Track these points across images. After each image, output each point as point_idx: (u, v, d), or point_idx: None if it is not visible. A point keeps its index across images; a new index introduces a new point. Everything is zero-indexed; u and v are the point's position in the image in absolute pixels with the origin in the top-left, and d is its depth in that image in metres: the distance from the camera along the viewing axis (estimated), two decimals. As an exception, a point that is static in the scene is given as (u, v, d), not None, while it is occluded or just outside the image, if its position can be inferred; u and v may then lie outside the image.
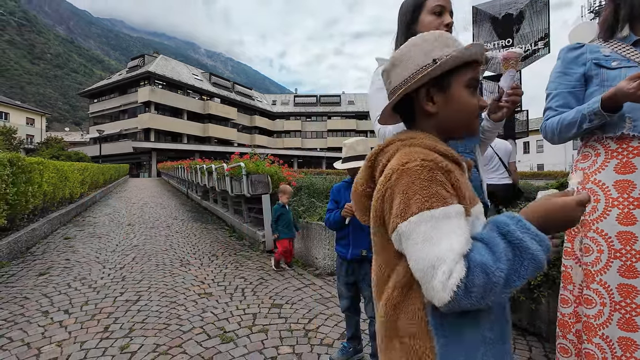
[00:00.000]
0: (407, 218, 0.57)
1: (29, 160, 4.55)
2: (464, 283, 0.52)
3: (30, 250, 4.29)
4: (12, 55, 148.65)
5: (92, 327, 2.24)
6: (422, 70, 0.68)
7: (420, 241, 0.56)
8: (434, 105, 0.70)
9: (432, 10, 1.17)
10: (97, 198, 10.24)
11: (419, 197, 0.57)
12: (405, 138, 0.69)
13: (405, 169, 0.60)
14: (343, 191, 1.83)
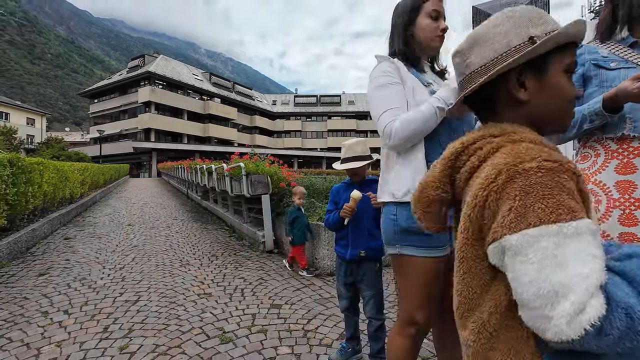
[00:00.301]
0: (520, 230, 0.46)
1: (29, 161, 4.56)
2: (601, 323, 0.41)
3: (30, 250, 4.30)
4: (13, 55, 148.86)
5: (91, 328, 2.24)
6: (515, 51, 0.58)
7: (537, 260, 0.44)
8: (525, 92, 0.60)
9: (429, 14, 1.18)
10: (97, 198, 10.26)
11: (542, 206, 0.46)
12: (500, 133, 0.57)
13: (519, 170, 0.48)
14: (342, 192, 1.82)
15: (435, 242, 1.12)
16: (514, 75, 0.59)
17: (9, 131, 30.84)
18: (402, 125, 1.09)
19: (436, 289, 1.15)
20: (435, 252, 1.12)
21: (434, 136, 1.13)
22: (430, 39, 1.20)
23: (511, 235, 0.46)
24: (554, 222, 0.44)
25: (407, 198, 1.11)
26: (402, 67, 1.20)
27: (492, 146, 0.55)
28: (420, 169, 1.11)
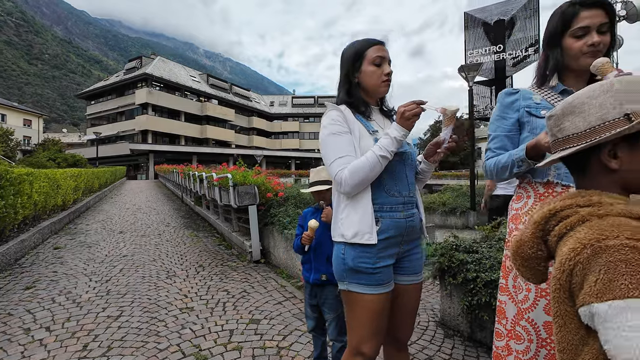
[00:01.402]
0: (606, 300, 0.51)
1: (18, 172, 4.61)
2: None
3: (19, 262, 4.35)
4: (10, 55, 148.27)
5: (71, 346, 2.30)
6: (609, 126, 0.61)
7: (628, 329, 0.49)
8: (617, 161, 0.63)
9: (373, 61, 1.24)
10: (91, 203, 10.29)
11: (627, 282, 0.50)
12: (586, 203, 0.61)
13: (603, 247, 0.53)
14: (309, 217, 1.87)
15: (381, 280, 1.19)
16: (607, 147, 0.62)
17: (6, 133, 30.84)
18: (351, 174, 1.15)
19: (381, 323, 1.22)
20: (380, 290, 1.19)
21: (379, 182, 1.21)
22: (375, 85, 1.27)
23: (599, 305, 0.51)
24: (638, 297, 0.48)
25: (355, 240, 1.18)
26: (349, 114, 1.26)
27: (578, 217, 0.60)
28: (367, 212, 1.18)
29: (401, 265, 1.28)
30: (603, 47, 1.17)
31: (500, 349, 1.25)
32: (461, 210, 8.41)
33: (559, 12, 1.21)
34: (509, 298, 1.25)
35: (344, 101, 1.31)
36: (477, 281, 2.17)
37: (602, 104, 0.63)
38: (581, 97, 0.66)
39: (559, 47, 1.22)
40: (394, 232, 1.20)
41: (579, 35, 1.17)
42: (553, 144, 0.71)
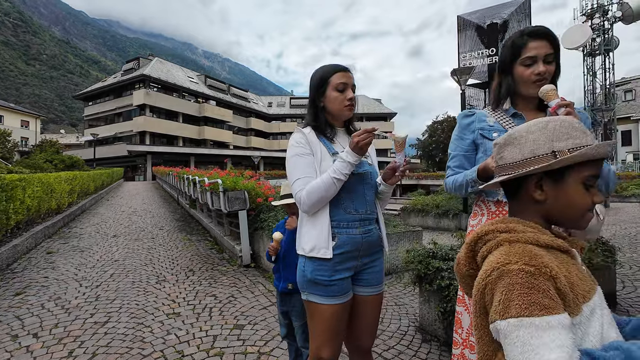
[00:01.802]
0: (506, 318, 0.58)
1: (10, 178, 4.66)
2: None
3: (10, 267, 4.40)
4: (7, 56, 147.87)
5: (57, 352, 2.36)
6: (538, 160, 0.68)
7: (519, 344, 0.56)
8: (542, 193, 0.70)
9: (336, 87, 1.32)
10: (86, 206, 10.33)
11: (519, 302, 0.57)
12: (505, 229, 0.68)
13: (505, 270, 0.60)
14: (281, 228, 1.95)
15: (337, 292, 1.27)
16: (534, 179, 0.70)
17: (3, 134, 30.79)
18: (308, 194, 1.24)
19: (338, 330, 1.30)
20: (336, 300, 1.27)
21: (337, 200, 1.28)
22: (339, 109, 1.34)
23: (500, 322, 0.59)
24: (528, 316, 0.56)
25: (312, 253, 1.27)
26: (312, 137, 1.34)
27: (496, 242, 0.68)
28: (324, 228, 1.26)
29: (360, 277, 1.35)
30: (548, 76, 1.26)
31: (457, 357, 1.32)
32: (454, 212, 8.47)
33: (510, 42, 1.30)
34: (465, 309, 1.32)
35: (310, 124, 1.38)
36: (450, 288, 2.24)
37: (535, 139, 0.70)
38: (520, 130, 0.73)
39: (510, 74, 1.30)
40: (349, 247, 1.28)
41: (528, 64, 1.26)
42: (496, 168, 0.79)
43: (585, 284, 0.65)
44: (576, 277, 0.64)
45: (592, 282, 0.68)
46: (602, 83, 27.94)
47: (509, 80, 1.31)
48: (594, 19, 28.21)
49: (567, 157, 0.66)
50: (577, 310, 0.60)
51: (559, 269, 0.62)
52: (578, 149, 0.66)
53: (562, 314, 0.58)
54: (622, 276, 3.97)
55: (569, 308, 0.60)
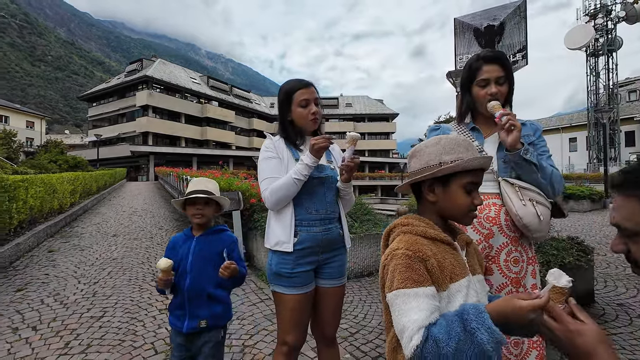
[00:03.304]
0: (391, 291, 0.77)
1: (13, 179, 4.83)
2: (420, 349, 0.68)
3: (13, 264, 4.57)
4: (13, 57, 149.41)
5: (54, 344, 2.51)
6: (428, 169, 0.87)
7: (396, 310, 0.75)
8: (433, 195, 0.88)
9: (299, 104, 1.46)
10: (88, 206, 10.53)
11: (399, 278, 0.76)
12: (405, 223, 0.88)
13: (394, 254, 0.81)
14: (180, 246, 1.55)
15: (298, 283, 1.41)
16: (427, 184, 0.89)
17: (8, 134, 31.25)
18: (270, 193, 1.39)
19: (301, 318, 1.45)
20: (298, 290, 1.42)
21: (300, 201, 1.43)
22: (304, 123, 1.49)
23: (388, 294, 0.78)
24: (403, 287, 0.75)
25: (277, 247, 1.42)
26: (280, 144, 1.49)
27: (396, 233, 0.88)
28: (287, 225, 1.41)
29: (322, 270, 1.50)
30: (500, 96, 1.42)
31: None
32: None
33: (468, 65, 1.47)
34: None
35: (281, 135, 1.52)
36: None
37: (430, 152, 0.89)
38: (422, 145, 0.92)
39: (469, 93, 1.46)
40: (310, 244, 1.42)
41: (482, 85, 1.41)
42: (408, 175, 0.96)
43: (458, 270, 0.83)
44: (449, 263, 0.83)
45: (465, 270, 0.85)
46: (605, 83, 27.85)
47: (468, 98, 1.48)
48: (597, 19, 28.09)
49: (446, 167, 0.84)
50: (445, 286, 0.80)
51: (434, 254, 0.81)
52: (457, 162, 0.84)
53: (429, 287, 0.77)
54: (605, 275, 4.07)
55: (438, 284, 0.79)
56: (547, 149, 1.46)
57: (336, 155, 1.64)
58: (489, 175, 1.40)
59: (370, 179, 42.28)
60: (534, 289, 1.36)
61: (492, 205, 1.37)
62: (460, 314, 0.71)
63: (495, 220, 1.35)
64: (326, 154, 1.59)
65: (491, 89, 1.39)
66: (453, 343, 0.67)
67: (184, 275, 1.48)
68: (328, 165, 1.53)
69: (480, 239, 1.36)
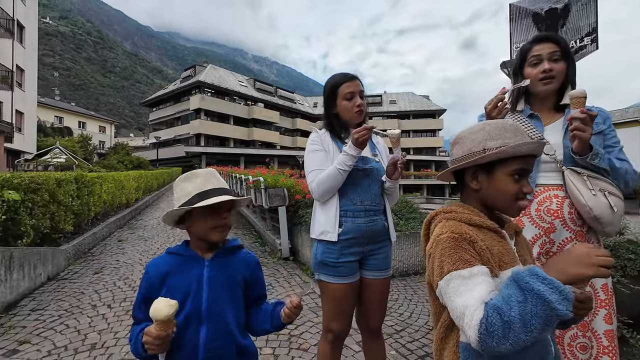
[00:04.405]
0: (442, 277, 0.74)
1: (90, 176, 5.49)
2: (484, 324, 0.63)
3: (91, 251, 5.20)
4: (89, 70, 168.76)
5: (125, 321, 2.82)
6: (471, 156, 0.82)
7: (452, 293, 0.71)
8: (477, 183, 0.85)
9: (344, 97, 1.48)
10: (150, 202, 11.57)
11: (449, 261, 0.74)
12: (448, 211, 0.86)
13: (439, 239, 0.78)
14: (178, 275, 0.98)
15: (343, 273, 1.44)
16: (470, 171, 0.85)
17: (85, 138, 35.50)
18: (318, 184, 1.43)
19: (346, 307, 1.47)
20: (343, 280, 1.44)
21: (345, 192, 1.45)
22: (349, 116, 1.51)
23: (440, 281, 0.75)
24: (456, 269, 0.72)
25: (322, 237, 1.45)
26: (326, 137, 1.53)
27: (440, 219, 0.86)
28: (332, 215, 1.44)
29: (367, 262, 1.50)
30: (557, 73, 1.29)
31: None
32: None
33: (519, 50, 1.39)
34: None
35: (326, 129, 1.56)
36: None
37: (474, 139, 0.84)
38: (465, 131, 0.88)
39: (521, 76, 1.38)
40: (354, 234, 1.43)
41: (534, 64, 1.32)
42: (450, 162, 0.92)
43: (507, 257, 0.79)
44: (497, 250, 0.78)
45: (515, 259, 0.81)
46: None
47: (519, 81, 1.39)
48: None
49: (489, 153, 0.79)
50: (495, 273, 0.75)
51: (482, 240, 0.77)
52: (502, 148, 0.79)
53: (482, 266, 0.73)
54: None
55: (489, 269, 0.74)
56: (618, 140, 1.32)
57: (380, 148, 1.64)
58: (551, 165, 1.30)
59: (416, 177, 40.94)
60: (605, 290, 1.24)
61: (553, 197, 1.27)
62: (512, 277, 0.67)
63: (557, 214, 1.25)
64: (371, 148, 1.59)
65: (544, 65, 1.29)
66: (515, 306, 0.61)
67: (195, 322, 0.94)
68: (373, 158, 1.53)
69: (540, 234, 1.27)
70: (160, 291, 0.95)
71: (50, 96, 54.79)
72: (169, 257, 1.03)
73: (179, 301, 0.87)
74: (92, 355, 2.28)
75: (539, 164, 1.32)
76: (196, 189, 0.99)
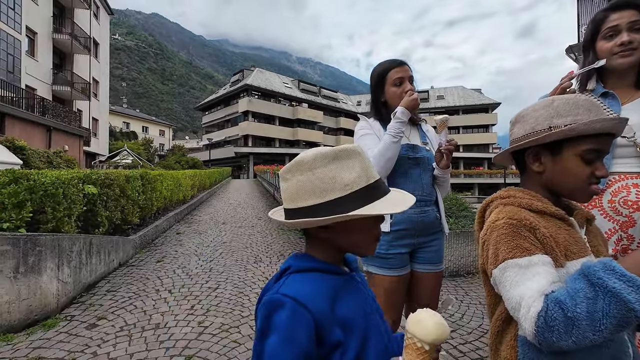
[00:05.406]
0: (497, 265, 0.67)
1: (153, 174, 6.02)
2: (543, 317, 0.57)
3: (154, 242, 5.71)
4: (151, 79, 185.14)
5: (183, 305, 3.05)
6: (536, 134, 0.74)
7: (507, 283, 0.65)
8: (540, 166, 0.76)
9: (393, 83, 1.44)
10: (203, 199, 12.37)
11: (505, 248, 0.67)
12: (506, 196, 0.78)
13: (494, 225, 0.71)
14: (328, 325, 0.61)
15: (394, 265, 1.40)
16: (532, 152, 0.77)
17: (148, 141, 39.19)
18: (376, 159, 1.36)
19: (395, 299, 1.42)
20: (392, 272, 1.40)
21: (393, 182, 1.41)
22: (398, 103, 1.45)
23: (494, 270, 0.69)
24: (512, 257, 0.66)
25: None
26: (375, 124, 1.50)
27: (496, 204, 0.78)
28: None
29: (418, 255, 1.45)
30: (639, 45, 1.13)
31: None
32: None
33: (591, 21, 1.23)
34: None
35: (376, 117, 1.53)
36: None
37: (538, 116, 0.76)
38: (528, 109, 0.79)
39: (592, 51, 1.23)
40: (405, 225, 1.39)
41: (610, 36, 1.17)
42: (510, 143, 0.85)
43: (576, 247, 0.70)
44: (563, 238, 0.69)
45: (585, 249, 0.71)
46: None
47: (590, 58, 1.24)
48: None
49: (556, 131, 0.70)
50: (560, 263, 0.67)
51: (544, 228, 0.69)
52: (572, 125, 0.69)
53: (543, 255, 0.65)
54: None
55: (553, 258, 0.66)
56: None
57: (431, 137, 1.57)
58: (629, 149, 1.15)
59: (466, 176, 38.69)
60: None
61: (631, 186, 1.12)
62: (581, 270, 0.59)
63: (637, 205, 1.10)
64: (421, 136, 1.54)
65: (622, 37, 1.12)
66: (582, 302, 0.54)
67: None
68: (423, 146, 1.48)
69: (614, 228, 1.13)
70: (331, 335, 0.58)
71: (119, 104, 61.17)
72: (316, 277, 0.64)
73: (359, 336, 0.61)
74: (157, 334, 2.50)
75: (614, 148, 1.16)
76: (362, 178, 0.62)
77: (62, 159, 10.58)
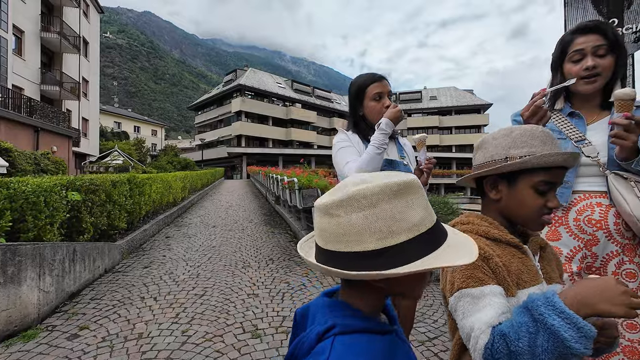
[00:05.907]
0: (453, 293, 0.71)
1: (141, 177, 5.97)
2: (489, 349, 0.60)
3: (142, 246, 5.65)
4: (143, 78, 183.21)
5: (168, 313, 3.03)
6: (492, 163, 0.77)
7: (461, 313, 0.68)
8: (497, 194, 0.79)
9: (372, 97, 1.45)
10: (194, 201, 12.28)
11: (460, 277, 0.70)
12: (465, 222, 0.81)
13: None
14: None
15: None
16: (489, 180, 0.80)
17: (140, 141, 38.78)
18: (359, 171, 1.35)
19: None
20: None
21: None
22: (377, 118, 1.47)
23: (450, 298, 0.72)
24: (466, 287, 0.69)
25: None
26: (354, 137, 1.51)
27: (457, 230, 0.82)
28: None
29: None
30: (603, 71, 1.16)
31: None
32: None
33: (559, 41, 1.26)
34: None
35: (352, 130, 1.54)
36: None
37: (497, 145, 0.79)
38: (489, 136, 0.82)
39: (560, 72, 1.26)
40: None
41: (576, 60, 1.19)
42: (472, 168, 0.88)
43: (527, 275, 0.72)
44: (516, 267, 0.72)
45: (537, 277, 0.73)
46: None
47: (558, 79, 1.27)
48: None
49: (510, 163, 0.73)
50: (511, 292, 0.70)
51: (498, 256, 0.72)
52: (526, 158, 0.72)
53: (495, 285, 0.67)
54: None
55: (505, 287, 0.69)
56: None
57: (408, 151, 1.59)
58: (594, 168, 1.18)
59: (458, 176, 39.05)
60: None
61: (595, 205, 1.15)
62: (526, 303, 0.61)
63: (600, 224, 1.13)
64: (398, 149, 1.55)
65: (587, 62, 1.15)
66: (524, 336, 0.57)
67: None
68: (401, 161, 1.50)
69: (580, 246, 1.16)
70: None
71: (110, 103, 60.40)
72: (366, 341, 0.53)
73: None
74: (139, 344, 2.48)
75: (579, 168, 1.20)
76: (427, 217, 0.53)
77: (50, 161, 10.42)
